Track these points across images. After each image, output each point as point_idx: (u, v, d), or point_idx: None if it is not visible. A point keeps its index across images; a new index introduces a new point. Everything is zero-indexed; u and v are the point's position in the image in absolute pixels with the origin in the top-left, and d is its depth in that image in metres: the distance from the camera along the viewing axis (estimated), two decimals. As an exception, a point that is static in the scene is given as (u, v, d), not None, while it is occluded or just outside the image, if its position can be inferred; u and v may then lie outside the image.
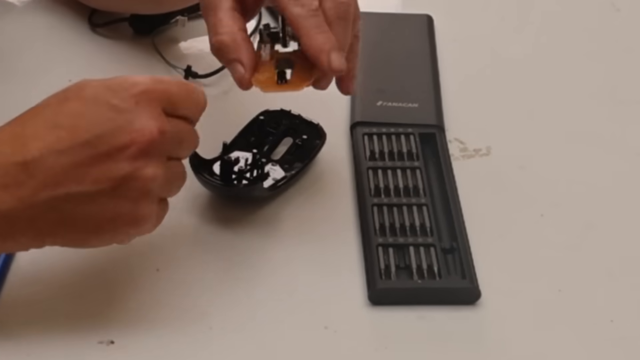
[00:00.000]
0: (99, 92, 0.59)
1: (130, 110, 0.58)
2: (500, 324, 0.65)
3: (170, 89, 0.60)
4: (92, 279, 0.67)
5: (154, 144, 0.58)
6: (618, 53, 0.93)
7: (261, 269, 0.68)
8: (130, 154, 0.58)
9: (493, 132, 0.82)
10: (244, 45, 0.66)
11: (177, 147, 0.61)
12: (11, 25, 0.92)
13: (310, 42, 0.65)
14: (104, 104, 0.58)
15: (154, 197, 0.60)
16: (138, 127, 0.58)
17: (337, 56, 0.65)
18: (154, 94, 0.59)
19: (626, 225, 0.73)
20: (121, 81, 0.59)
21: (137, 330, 0.64)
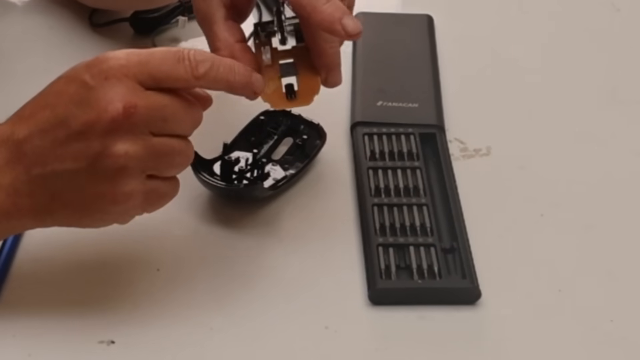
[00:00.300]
0: (78, 70, 0.59)
1: (98, 86, 0.58)
2: (500, 324, 0.65)
3: (149, 62, 0.59)
4: (93, 278, 0.67)
5: (119, 120, 0.57)
6: (618, 53, 0.93)
7: (261, 269, 0.69)
8: (98, 131, 0.58)
9: (493, 132, 0.82)
10: (242, 58, 0.66)
11: (161, 123, 0.59)
12: (11, 25, 0.92)
13: (321, 15, 0.63)
14: (79, 81, 0.58)
15: (133, 174, 0.59)
16: (103, 104, 0.57)
17: (351, 20, 0.64)
18: (126, 68, 0.58)
19: (626, 225, 0.73)
20: (98, 57, 0.59)
21: (137, 330, 0.64)
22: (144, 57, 0.59)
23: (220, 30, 0.67)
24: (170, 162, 0.61)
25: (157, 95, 0.59)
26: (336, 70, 0.68)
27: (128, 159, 0.58)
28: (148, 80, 0.59)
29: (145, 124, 0.58)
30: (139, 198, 0.60)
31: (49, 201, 0.60)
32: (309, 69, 0.68)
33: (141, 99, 0.58)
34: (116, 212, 0.61)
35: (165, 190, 0.62)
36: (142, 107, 0.58)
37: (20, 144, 0.59)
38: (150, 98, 0.59)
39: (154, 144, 0.59)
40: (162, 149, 0.60)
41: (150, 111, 0.58)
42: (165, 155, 0.60)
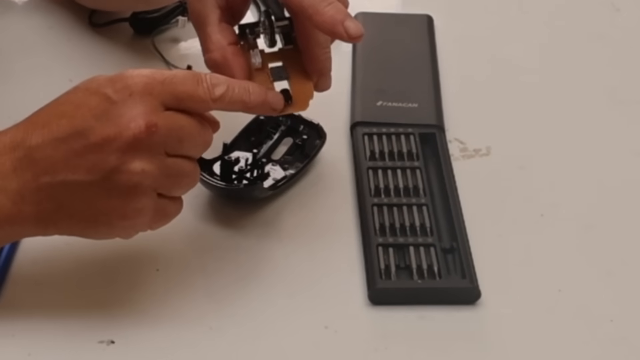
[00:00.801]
0: (100, 83, 0.59)
1: (122, 102, 0.58)
2: (500, 324, 0.65)
3: (172, 82, 0.60)
4: (93, 279, 0.67)
5: (140, 138, 0.58)
6: (618, 53, 0.93)
7: (261, 269, 0.69)
8: (117, 146, 0.58)
9: (493, 132, 0.82)
10: (234, 61, 0.66)
11: (177, 144, 0.60)
12: (11, 25, 0.92)
13: (323, 17, 0.64)
14: (101, 95, 0.59)
15: (146, 192, 0.60)
16: (125, 121, 0.58)
17: (352, 23, 0.64)
18: (151, 86, 0.59)
19: (626, 225, 0.73)
20: (124, 73, 0.60)
21: (137, 330, 0.64)
22: (167, 77, 0.60)
23: (214, 32, 0.67)
24: (180, 182, 0.62)
25: (177, 115, 0.60)
26: (327, 75, 0.69)
27: (143, 177, 0.59)
28: (169, 99, 0.59)
29: (163, 143, 0.59)
30: (148, 215, 0.61)
31: (55, 211, 0.60)
32: (300, 72, 0.68)
33: (162, 119, 0.59)
34: (123, 227, 0.61)
35: (172, 210, 0.63)
36: (163, 127, 0.59)
37: (31, 151, 0.59)
38: (170, 118, 0.59)
39: (168, 164, 0.60)
40: (175, 169, 0.61)
41: (170, 131, 0.59)
42: (177, 176, 0.61)
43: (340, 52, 0.91)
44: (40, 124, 0.59)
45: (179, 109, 0.60)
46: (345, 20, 0.64)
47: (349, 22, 0.64)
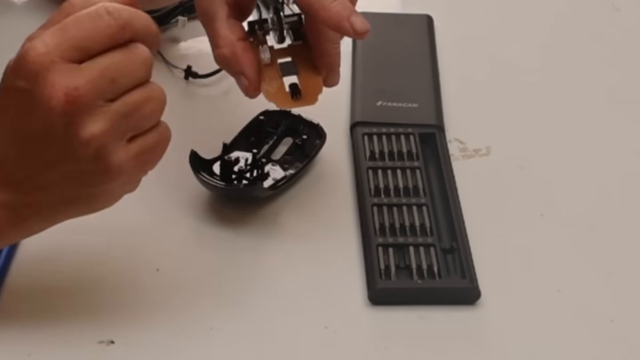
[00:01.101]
0: (9, 77, 0.56)
1: (32, 87, 0.55)
2: (500, 324, 0.65)
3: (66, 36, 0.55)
4: (92, 279, 0.67)
5: (69, 109, 0.54)
6: (618, 53, 0.92)
7: (261, 269, 0.68)
8: (57, 128, 0.55)
9: (493, 132, 0.82)
10: (244, 56, 0.66)
11: (111, 86, 0.55)
12: (11, 25, 0.92)
13: (329, 13, 0.64)
14: (15, 90, 0.56)
15: (112, 147, 0.56)
16: (46, 102, 0.54)
17: (359, 19, 0.64)
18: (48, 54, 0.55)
19: (626, 225, 0.73)
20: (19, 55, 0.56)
21: (137, 330, 0.64)
22: (59, 34, 0.56)
23: (222, 28, 0.67)
24: (142, 114, 0.57)
25: (93, 63, 0.55)
26: (336, 70, 0.69)
27: (98, 138, 0.55)
28: (75, 54, 0.55)
29: (96, 97, 0.55)
30: (131, 164, 0.57)
31: (53, 204, 0.59)
32: (310, 67, 0.68)
33: (79, 77, 0.55)
34: (119, 186, 0.59)
35: (155, 141, 0.59)
36: (83, 85, 0.55)
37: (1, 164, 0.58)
38: (87, 71, 0.55)
39: (115, 109, 0.56)
40: (125, 109, 0.56)
41: (94, 83, 0.55)
42: (133, 113, 0.57)
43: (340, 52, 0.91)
44: None
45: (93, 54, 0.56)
46: (351, 16, 0.64)
47: (355, 17, 0.64)
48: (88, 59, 0.55)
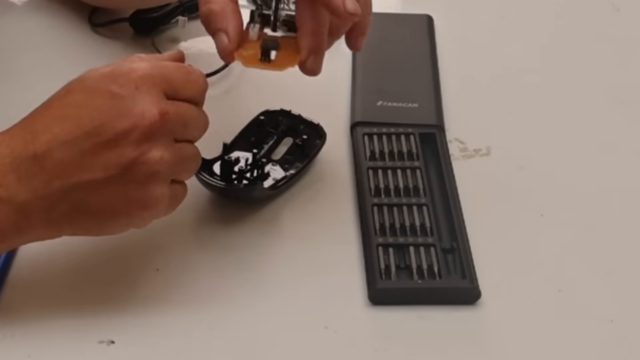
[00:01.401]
0: (99, 81, 0.60)
1: (130, 95, 0.59)
2: (500, 324, 0.65)
3: (168, 73, 0.61)
4: (92, 278, 0.67)
5: (156, 127, 0.59)
6: (618, 53, 0.93)
7: (261, 269, 0.69)
8: (134, 138, 0.59)
9: (493, 132, 0.82)
10: (232, 16, 0.65)
11: (182, 129, 0.61)
12: (11, 25, 0.92)
13: None
14: (105, 92, 0.59)
15: (164, 179, 0.60)
16: (139, 112, 0.59)
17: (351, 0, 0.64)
18: (153, 78, 0.60)
19: (626, 225, 0.73)
20: (120, 67, 0.60)
21: (137, 330, 0.64)
22: (164, 69, 0.61)
23: None
24: (188, 166, 0.63)
25: (179, 102, 0.61)
26: (319, 55, 0.67)
27: (161, 165, 0.60)
28: (169, 89, 0.60)
29: (173, 130, 0.60)
30: (165, 202, 0.61)
31: (69, 212, 0.60)
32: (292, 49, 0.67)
33: (170, 106, 0.60)
34: (141, 217, 0.62)
35: (182, 194, 0.64)
36: (173, 114, 0.60)
37: (39, 160, 0.59)
38: (175, 105, 0.61)
39: (178, 149, 0.61)
40: (183, 153, 0.62)
41: (177, 117, 0.60)
42: (186, 160, 0.62)
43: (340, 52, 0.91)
44: (40, 131, 0.59)
45: (176, 98, 0.61)
46: None
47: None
48: (172, 99, 0.61)
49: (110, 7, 0.92)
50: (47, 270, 0.67)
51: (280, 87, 0.79)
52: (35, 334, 0.63)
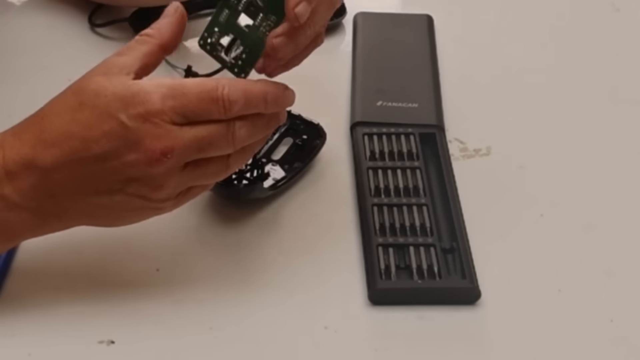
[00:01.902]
0: (112, 104, 0.59)
1: (135, 128, 0.58)
2: (500, 324, 0.65)
3: (183, 104, 0.59)
4: (92, 279, 0.67)
5: (157, 164, 0.59)
6: (618, 53, 0.93)
7: (261, 269, 0.69)
8: (135, 170, 0.59)
9: (493, 132, 0.82)
10: None
11: (196, 154, 0.60)
12: (10, 24, 0.92)
13: None
14: (114, 119, 0.58)
15: (168, 193, 0.61)
16: (142, 148, 0.58)
17: (304, 5, 0.62)
18: (163, 112, 0.59)
19: (626, 225, 0.73)
20: (135, 94, 0.59)
21: (137, 330, 0.64)
22: (179, 102, 0.59)
23: None
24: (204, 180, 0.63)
25: (194, 129, 0.60)
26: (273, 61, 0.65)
27: (164, 189, 0.60)
28: (183, 120, 0.59)
29: (181, 160, 0.60)
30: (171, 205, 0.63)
31: (77, 216, 0.62)
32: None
33: (177, 140, 0.59)
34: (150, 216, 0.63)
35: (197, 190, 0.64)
36: (179, 148, 0.59)
37: (47, 172, 0.59)
38: (186, 135, 0.59)
39: (189, 171, 0.61)
40: (197, 172, 0.61)
41: (186, 149, 0.60)
42: (199, 177, 0.62)
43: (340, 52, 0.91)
44: (49, 142, 0.59)
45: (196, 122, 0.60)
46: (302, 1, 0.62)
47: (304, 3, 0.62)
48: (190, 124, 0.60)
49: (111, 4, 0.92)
50: (47, 270, 0.67)
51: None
52: (36, 333, 0.63)
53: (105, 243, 0.68)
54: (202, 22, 0.69)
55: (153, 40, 0.62)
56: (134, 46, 0.62)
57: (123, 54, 0.61)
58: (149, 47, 0.62)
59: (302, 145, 0.76)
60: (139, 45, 0.62)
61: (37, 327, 0.63)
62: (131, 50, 0.61)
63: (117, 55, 0.61)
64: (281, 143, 0.77)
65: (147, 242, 0.69)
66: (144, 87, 0.59)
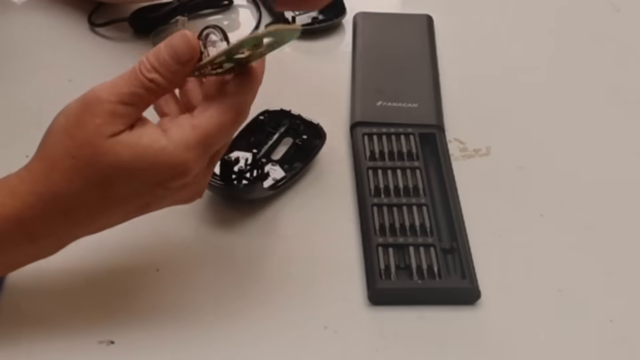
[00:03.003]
0: (142, 173, 0.58)
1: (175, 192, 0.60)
2: (500, 324, 0.65)
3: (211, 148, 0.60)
4: (92, 279, 0.67)
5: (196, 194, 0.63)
6: (618, 53, 0.93)
7: (261, 269, 0.68)
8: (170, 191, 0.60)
9: (493, 132, 0.82)
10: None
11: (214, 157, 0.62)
12: (11, 24, 0.92)
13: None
14: (160, 185, 0.59)
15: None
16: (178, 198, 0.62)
17: None
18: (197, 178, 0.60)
19: (626, 225, 0.73)
20: (184, 170, 0.59)
21: (137, 330, 0.64)
22: (205, 151, 0.60)
23: None
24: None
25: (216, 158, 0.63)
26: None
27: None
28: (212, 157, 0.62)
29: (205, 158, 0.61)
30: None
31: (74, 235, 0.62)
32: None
33: (207, 180, 0.63)
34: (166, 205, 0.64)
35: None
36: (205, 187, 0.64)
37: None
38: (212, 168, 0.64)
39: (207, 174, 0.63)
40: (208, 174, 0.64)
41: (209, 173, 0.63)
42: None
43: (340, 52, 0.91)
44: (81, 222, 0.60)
45: None
46: None
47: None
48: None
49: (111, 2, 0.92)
50: (47, 270, 0.67)
51: (280, 87, 0.79)
52: (36, 333, 0.63)
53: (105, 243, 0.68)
54: (202, 23, 0.69)
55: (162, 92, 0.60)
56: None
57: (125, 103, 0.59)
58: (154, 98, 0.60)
59: (302, 145, 0.76)
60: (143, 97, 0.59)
61: (37, 328, 0.63)
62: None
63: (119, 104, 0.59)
64: (281, 143, 0.77)
65: (147, 242, 0.69)
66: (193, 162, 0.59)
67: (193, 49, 0.58)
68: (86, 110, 0.57)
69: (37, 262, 0.67)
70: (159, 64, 0.58)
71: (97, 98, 0.57)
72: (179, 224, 0.71)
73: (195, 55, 0.58)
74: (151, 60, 0.58)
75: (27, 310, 0.64)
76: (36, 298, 0.65)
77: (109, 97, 0.57)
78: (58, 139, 0.58)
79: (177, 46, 0.58)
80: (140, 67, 0.58)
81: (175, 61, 0.58)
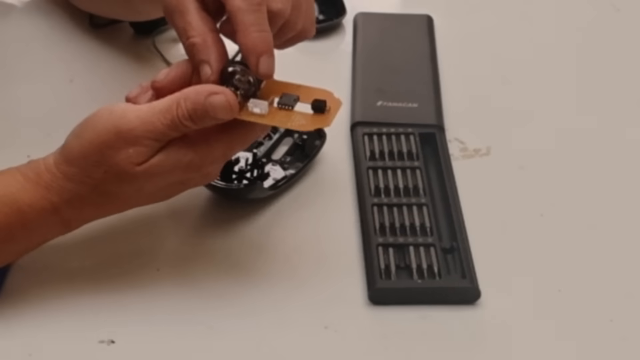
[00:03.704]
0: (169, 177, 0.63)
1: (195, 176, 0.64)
2: (500, 324, 0.65)
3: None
4: (92, 278, 0.67)
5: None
6: (618, 53, 0.93)
7: (261, 269, 0.69)
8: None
9: (493, 132, 0.82)
10: (214, 47, 0.64)
11: None
12: (11, 25, 0.92)
13: (245, 40, 0.62)
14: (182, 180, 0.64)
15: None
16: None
17: (266, 61, 0.62)
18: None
19: (626, 225, 0.73)
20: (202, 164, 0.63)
21: (137, 330, 0.64)
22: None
23: (195, 20, 0.65)
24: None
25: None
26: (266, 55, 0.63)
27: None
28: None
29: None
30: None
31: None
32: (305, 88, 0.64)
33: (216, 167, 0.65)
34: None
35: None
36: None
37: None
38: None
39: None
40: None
41: None
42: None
43: (340, 52, 0.91)
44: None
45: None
46: (263, 54, 0.62)
47: (266, 58, 0.62)
48: None
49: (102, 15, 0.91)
50: (48, 270, 0.67)
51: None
52: (36, 333, 0.63)
53: (105, 243, 0.68)
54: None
55: None
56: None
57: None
58: None
59: (302, 145, 0.76)
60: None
61: (37, 327, 0.63)
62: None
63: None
64: (281, 143, 0.77)
65: (147, 242, 0.69)
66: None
67: (233, 114, 0.61)
68: (119, 137, 0.60)
69: (37, 262, 0.67)
70: (197, 117, 0.61)
71: (131, 132, 0.60)
72: (179, 223, 0.71)
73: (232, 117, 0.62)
74: (190, 111, 0.61)
75: (27, 310, 0.64)
76: (36, 298, 0.65)
77: (145, 134, 0.60)
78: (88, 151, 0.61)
79: (218, 111, 0.61)
80: (178, 112, 0.60)
81: (213, 119, 0.61)
